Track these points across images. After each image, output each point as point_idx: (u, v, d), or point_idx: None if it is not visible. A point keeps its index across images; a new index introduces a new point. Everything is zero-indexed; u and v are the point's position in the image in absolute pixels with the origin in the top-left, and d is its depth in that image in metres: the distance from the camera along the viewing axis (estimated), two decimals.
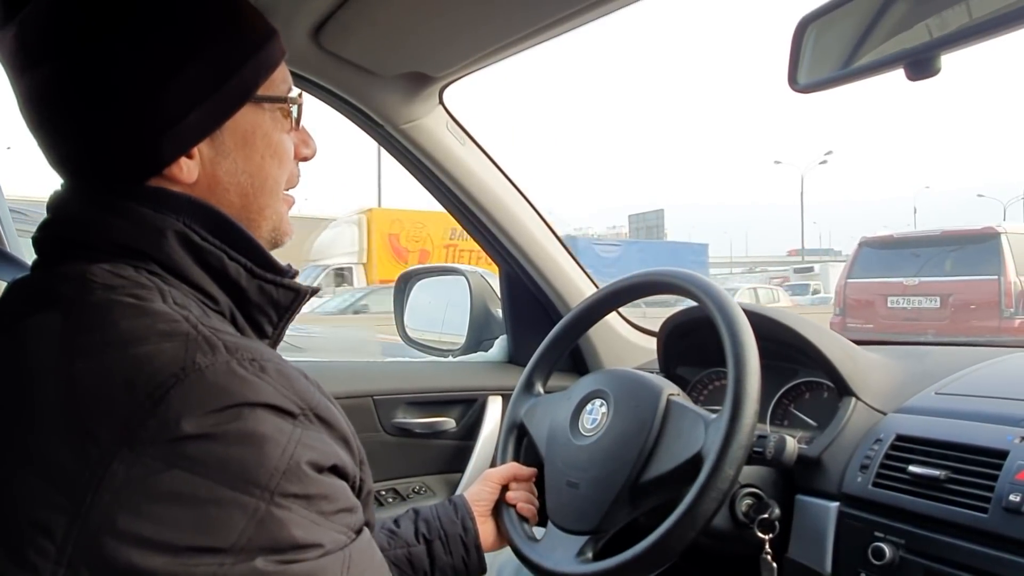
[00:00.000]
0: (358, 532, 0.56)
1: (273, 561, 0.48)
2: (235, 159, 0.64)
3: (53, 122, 0.61)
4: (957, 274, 7.45)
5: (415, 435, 1.40)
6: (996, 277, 7.10)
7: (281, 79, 0.67)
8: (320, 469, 0.53)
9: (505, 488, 1.05)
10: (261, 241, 0.67)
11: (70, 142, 0.61)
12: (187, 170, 0.61)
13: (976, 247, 7.37)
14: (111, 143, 0.59)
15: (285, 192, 0.70)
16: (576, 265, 1.49)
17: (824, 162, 33.97)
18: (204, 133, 0.62)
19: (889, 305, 7.75)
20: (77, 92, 0.58)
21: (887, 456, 0.93)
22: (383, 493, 1.36)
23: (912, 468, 0.88)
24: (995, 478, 0.81)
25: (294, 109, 0.68)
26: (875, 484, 0.91)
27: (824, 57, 0.69)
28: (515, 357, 1.57)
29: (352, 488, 0.58)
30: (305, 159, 0.72)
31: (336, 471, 0.56)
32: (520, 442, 1.11)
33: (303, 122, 0.71)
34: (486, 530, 0.99)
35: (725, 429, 0.81)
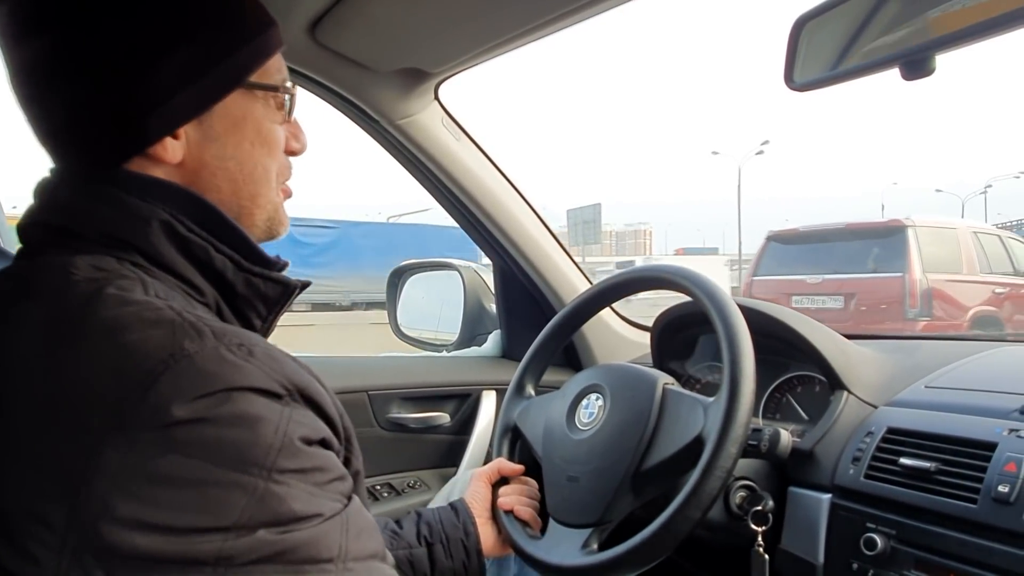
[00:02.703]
0: (349, 498, 0.57)
1: (274, 532, 0.49)
2: (223, 144, 0.64)
3: (44, 94, 0.61)
4: (862, 271, 6.78)
5: (410, 430, 1.40)
6: (901, 275, 6.44)
7: (276, 69, 0.67)
8: (311, 443, 0.54)
9: (498, 486, 1.06)
10: (256, 231, 0.67)
11: (59, 114, 0.61)
12: (171, 150, 0.61)
13: (882, 242, 6.71)
14: (99, 116, 0.59)
15: (282, 184, 0.70)
16: (570, 260, 1.50)
17: (761, 152, 31.60)
18: (192, 114, 0.62)
19: (793, 304, 6.76)
20: (70, 63, 0.58)
21: (878, 448, 0.94)
22: (378, 488, 1.37)
23: (903, 460, 0.90)
24: (984, 469, 0.83)
25: (287, 101, 0.68)
26: (867, 476, 0.93)
27: (820, 56, 0.69)
28: (509, 352, 1.58)
29: None
30: (294, 153, 0.72)
31: (325, 443, 0.56)
32: (514, 445, 1.11)
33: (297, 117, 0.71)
34: (486, 533, 0.99)
35: (725, 408, 0.82)
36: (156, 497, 0.47)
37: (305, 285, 0.70)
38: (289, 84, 0.69)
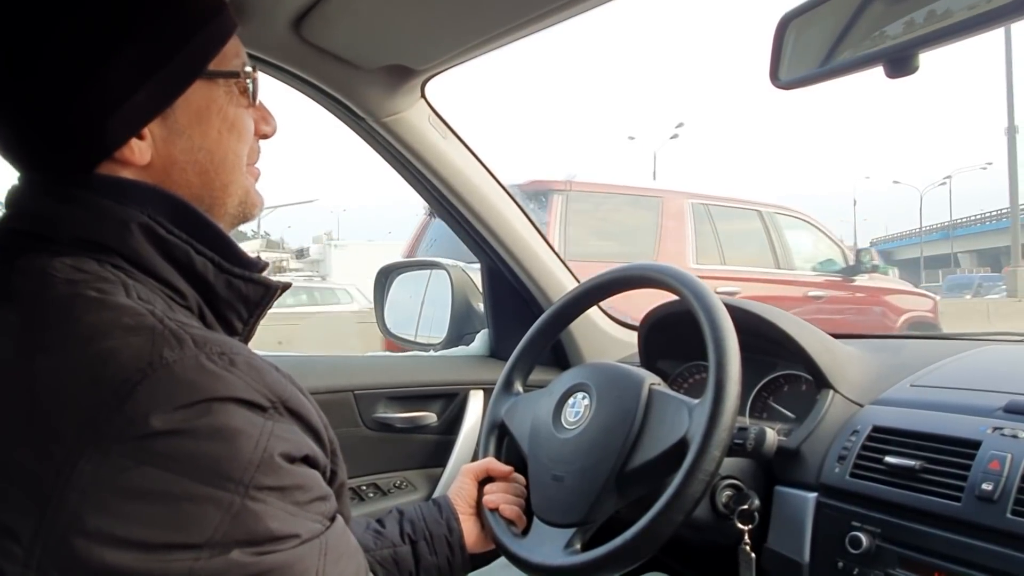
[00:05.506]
0: (332, 519, 0.56)
1: (249, 553, 0.48)
2: (190, 136, 0.62)
3: None
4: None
5: (396, 429, 1.39)
6: None
7: (234, 54, 0.65)
8: (292, 460, 0.53)
9: (485, 483, 1.05)
10: (228, 218, 0.66)
11: (14, 129, 0.59)
12: (139, 152, 0.59)
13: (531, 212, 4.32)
14: (57, 127, 0.58)
15: (250, 166, 0.69)
16: (558, 259, 1.50)
17: (675, 136, 29.29)
18: (154, 112, 0.60)
19: None
20: (16, 77, 0.56)
21: (864, 447, 0.94)
22: (364, 488, 1.36)
23: (888, 459, 0.90)
24: (968, 468, 0.83)
25: (250, 85, 0.66)
26: (852, 475, 0.93)
27: (805, 54, 0.69)
28: (496, 351, 1.58)
29: (323, 477, 0.58)
30: (265, 136, 0.70)
31: (308, 461, 0.55)
32: (501, 442, 1.11)
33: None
34: (470, 529, 0.99)
35: (709, 411, 0.82)
36: (128, 511, 0.46)
37: (286, 287, 0.68)
38: (249, 68, 0.66)
